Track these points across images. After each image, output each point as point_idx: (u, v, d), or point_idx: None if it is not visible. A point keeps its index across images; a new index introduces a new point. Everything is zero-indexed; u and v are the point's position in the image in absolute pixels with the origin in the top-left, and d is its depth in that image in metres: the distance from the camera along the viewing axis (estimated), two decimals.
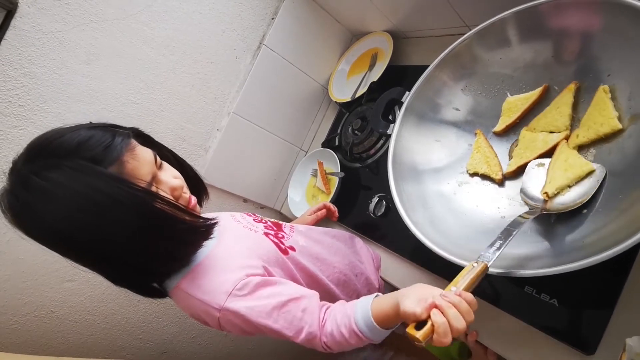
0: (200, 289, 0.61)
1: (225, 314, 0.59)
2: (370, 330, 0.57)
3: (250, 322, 0.59)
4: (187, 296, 0.62)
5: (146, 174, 0.58)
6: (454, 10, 0.95)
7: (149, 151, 0.61)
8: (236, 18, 1.11)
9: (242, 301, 0.59)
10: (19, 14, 0.83)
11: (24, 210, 0.54)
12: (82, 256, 0.58)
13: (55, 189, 0.51)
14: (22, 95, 0.87)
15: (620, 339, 0.54)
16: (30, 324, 1.01)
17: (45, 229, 0.54)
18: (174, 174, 0.65)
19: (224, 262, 0.64)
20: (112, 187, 0.53)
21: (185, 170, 0.71)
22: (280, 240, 0.75)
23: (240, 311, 0.58)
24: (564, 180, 0.61)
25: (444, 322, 0.46)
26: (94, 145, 0.54)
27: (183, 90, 1.08)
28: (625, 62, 0.59)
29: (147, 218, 0.56)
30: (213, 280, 0.61)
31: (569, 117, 0.66)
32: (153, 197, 0.57)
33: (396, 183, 0.75)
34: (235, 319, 0.59)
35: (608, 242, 0.49)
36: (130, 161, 0.56)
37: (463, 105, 0.79)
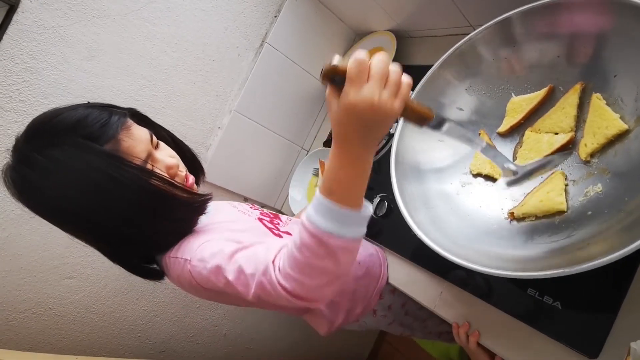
0: (179, 249, 0.62)
1: (194, 263, 0.58)
2: (320, 211, 0.44)
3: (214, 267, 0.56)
4: (170, 260, 0.63)
5: (141, 152, 0.59)
6: (458, 10, 0.94)
7: (145, 130, 0.63)
8: (239, 15, 1.10)
9: (209, 247, 0.59)
10: (21, 9, 0.83)
11: (25, 186, 0.56)
12: (80, 230, 0.60)
13: (54, 165, 0.54)
14: (23, 90, 0.87)
15: (624, 343, 0.54)
16: (28, 321, 1.01)
17: (45, 203, 0.57)
18: (170, 153, 0.67)
19: (210, 230, 0.66)
20: (107, 164, 0.55)
21: (182, 151, 0.72)
22: (276, 226, 0.76)
23: (205, 257, 0.57)
24: (534, 210, 0.64)
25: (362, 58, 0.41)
26: (91, 123, 0.56)
27: (185, 87, 1.08)
28: (632, 63, 0.59)
29: (142, 194, 0.57)
30: (192, 241, 0.62)
31: (574, 118, 0.66)
32: (148, 174, 0.58)
33: (399, 183, 0.74)
34: (201, 268, 0.58)
35: (613, 244, 0.48)
36: (125, 139, 0.58)
37: (467, 105, 0.78)
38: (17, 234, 0.93)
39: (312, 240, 0.45)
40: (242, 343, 1.43)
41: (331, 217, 0.44)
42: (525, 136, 0.72)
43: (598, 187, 0.59)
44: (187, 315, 1.26)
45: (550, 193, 0.64)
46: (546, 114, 0.70)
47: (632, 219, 0.52)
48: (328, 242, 0.44)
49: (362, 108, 0.41)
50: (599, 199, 0.59)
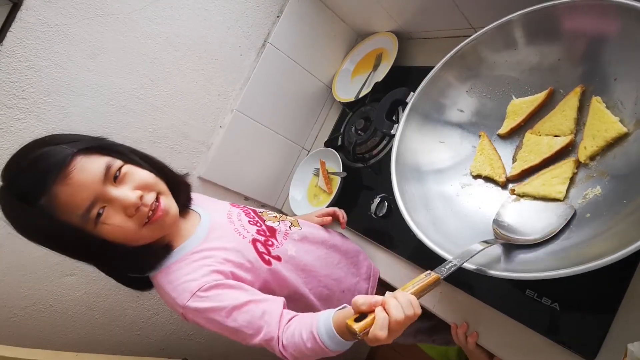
0: (171, 284, 0.64)
1: (187, 311, 0.61)
2: (329, 336, 0.56)
3: (211, 320, 0.61)
4: (159, 287, 0.66)
5: (84, 200, 0.57)
6: (460, 12, 0.95)
7: (99, 165, 0.59)
8: (241, 15, 1.11)
9: (204, 302, 0.61)
10: (25, 7, 0.83)
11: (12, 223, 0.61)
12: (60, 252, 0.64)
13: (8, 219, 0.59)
14: (26, 87, 0.87)
15: (622, 344, 0.54)
16: (29, 318, 1.01)
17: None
18: (137, 183, 0.62)
19: (199, 262, 0.66)
20: (43, 223, 0.57)
21: (162, 172, 0.69)
22: (268, 249, 0.75)
23: (200, 310, 0.61)
24: (534, 191, 0.67)
25: (385, 316, 0.47)
26: (23, 183, 0.56)
27: (187, 86, 1.08)
28: (632, 67, 0.59)
29: (86, 249, 0.62)
30: (182, 279, 0.63)
31: (574, 120, 0.66)
32: (83, 235, 0.59)
33: (399, 183, 0.75)
34: (196, 317, 0.62)
35: (611, 246, 0.49)
36: (62, 190, 0.56)
37: (468, 106, 0.79)
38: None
39: (321, 351, 0.57)
40: None
41: (332, 341, 0.56)
42: (525, 138, 0.72)
43: (597, 190, 0.60)
44: None
45: (554, 179, 0.65)
46: (546, 116, 0.70)
47: (630, 221, 0.53)
48: (323, 350, 0.57)
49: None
50: (598, 202, 0.59)
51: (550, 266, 0.53)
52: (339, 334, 0.55)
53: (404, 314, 0.47)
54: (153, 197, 0.64)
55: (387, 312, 0.47)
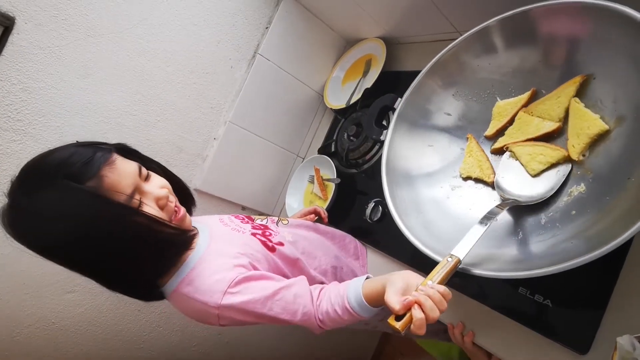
0: (197, 290, 0.64)
1: (223, 310, 0.62)
2: (361, 308, 0.62)
3: (248, 312, 0.63)
4: (186, 299, 0.65)
5: (127, 187, 0.61)
6: (443, 17, 0.96)
7: (133, 164, 0.64)
8: (231, 28, 1.13)
9: (237, 297, 0.62)
10: (16, 30, 0.85)
11: (19, 227, 0.59)
12: (74, 266, 0.62)
13: (39, 209, 0.57)
14: (20, 109, 0.89)
15: (613, 338, 0.55)
16: (32, 336, 1.02)
17: (35, 242, 0.60)
18: (161, 183, 0.68)
19: (216, 263, 0.67)
20: (89, 203, 0.57)
21: (172, 181, 0.73)
22: (268, 238, 0.78)
23: (236, 306, 0.62)
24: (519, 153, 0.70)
25: (422, 317, 0.50)
26: (73, 162, 0.58)
27: (179, 100, 1.10)
28: (609, 66, 0.61)
29: (126, 231, 0.60)
30: (208, 281, 0.64)
31: (565, 110, 0.67)
32: (131, 212, 0.60)
33: (390, 189, 0.76)
34: (233, 314, 0.63)
35: (596, 242, 0.50)
36: (108, 175, 0.59)
37: (454, 110, 0.80)
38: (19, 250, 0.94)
39: (352, 318, 0.64)
40: (244, 350, 1.44)
41: (364, 310, 0.62)
42: (517, 116, 0.73)
43: (581, 187, 0.61)
44: (189, 325, 1.27)
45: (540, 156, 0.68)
46: (543, 97, 0.71)
47: (613, 217, 0.54)
48: (357, 318, 0.63)
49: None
50: (582, 199, 0.60)
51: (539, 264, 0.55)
52: (369, 303, 0.61)
53: (438, 311, 0.51)
54: (174, 199, 0.69)
55: (425, 313, 0.50)
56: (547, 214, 0.63)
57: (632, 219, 0.47)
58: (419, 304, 0.51)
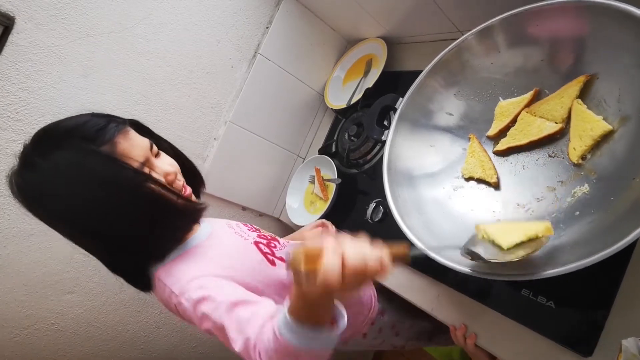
0: (169, 276, 0.64)
1: (181, 300, 0.59)
2: (289, 328, 0.45)
3: (200, 313, 0.57)
4: (159, 282, 0.65)
5: (138, 156, 0.61)
6: (445, 16, 0.96)
7: (145, 139, 0.65)
8: (231, 28, 1.12)
9: (200, 291, 0.58)
10: (16, 30, 0.85)
11: (28, 189, 0.59)
12: (78, 234, 0.62)
13: (55, 168, 0.57)
14: (20, 109, 0.88)
15: (617, 340, 0.54)
16: (31, 337, 1.01)
17: (46, 206, 0.60)
18: (170, 162, 0.68)
19: (202, 256, 0.66)
20: (103, 165, 0.58)
21: (182, 163, 0.73)
22: (272, 250, 0.76)
23: (193, 299, 0.58)
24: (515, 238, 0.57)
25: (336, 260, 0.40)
26: (89, 127, 0.59)
27: (179, 100, 1.09)
28: (613, 66, 0.60)
29: (137, 196, 0.59)
30: (183, 270, 0.63)
31: (568, 110, 0.66)
32: (143, 177, 0.60)
33: (391, 189, 0.75)
34: (188, 308, 0.58)
35: (601, 244, 0.49)
36: (122, 142, 0.60)
37: (456, 110, 0.80)
38: (18, 251, 0.94)
39: (284, 351, 0.46)
40: None
41: (300, 334, 0.45)
42: (520, 116, 0.72)
43: (585, 188, 0.61)
44: (189, 326, 1.27)
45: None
46: (546, 97, 0.70)
47: (618, 217, 0.53)
48: (299, 355, 0.46)
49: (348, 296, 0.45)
50: (586, 200, 0.60)
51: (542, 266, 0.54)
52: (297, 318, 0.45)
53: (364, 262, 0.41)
54: (182, 178, 0.70)
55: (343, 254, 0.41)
56: (551, 215, 0.63)
57: (637, 220, 0.47)
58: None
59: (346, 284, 0.40)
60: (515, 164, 0.72)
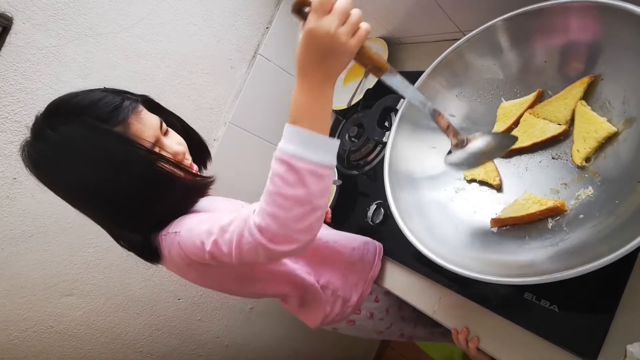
0: (171, 226, 0.65)
1: (181, 233, 0.61)
2: (288, 138, 0.47)
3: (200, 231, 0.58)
4: (161, 238, 0.65)
5: (149, 137, 0.63)
6: (447, 16, 0.95)
7: (156, 117, 0.66)
8: (230, 28, 1.11)
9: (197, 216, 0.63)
10: (14, 31, 0.84)
11: (39, 160, 0.60)
12: (86, 205, 0.64)
13: (66, 142, 0.58)
14: (18, 111, 0.88)
15: (621, 345, 0.54)
16: (30, 339, 1.01)
17: (55, 176, 0.61)
18: (178, 140, 0.70)
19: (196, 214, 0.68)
20: (116, 145, 0.58)
21: (191, 138, 0.76)
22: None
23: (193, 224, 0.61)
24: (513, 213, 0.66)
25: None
26: (104, 106, 0.59)
27: (179, 101, 1.08)
28: (618, 67, 0.59)
29: (148, 174, 0.61)
30: (183, 220, 0.64)
31: (572, 111, 0.65)
32: (154, 156, 0.62)
33: (393, 191, 0.75)
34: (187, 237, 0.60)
35: (606, 248, 0.49)
36: (135, 123, 0.61)
37: (458, 111, 0.79)
38: (17, 252, 0.94)
39: (281, 166, 0.46)
40: (244, 353, 1.43)
41: (297, 141, 0.47)
42: (523, 118, 0.72)
43: (589, 191, 0.60)
44: (189, 328, 1.26)
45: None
46: (550, 98, 0.69)
47: (623, 221, 0.52)
48: (295, 165, 0.46)
49: (320, 35, 0.46)
50: (591, 202, 0.59)
51: (546, 269, 0.53)
52: (294, 121, 0.48)
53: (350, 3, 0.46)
54: (190, 157, 0.72)
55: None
56: (554, 217, 0.62)
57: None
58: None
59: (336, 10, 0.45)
60: (518, 166, 0.71)
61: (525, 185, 0.69)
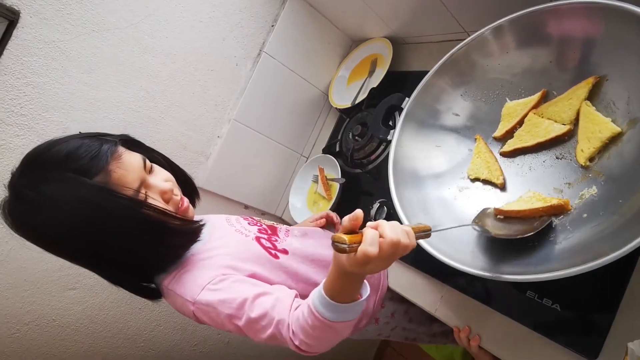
0: (179, 284, 0.64)
1: (199, 306, 0.60)
2: (324, 304, 0.53)
3: (222, 314, 0.59)
4: (169, 292, 0.65)
5: (133, 181, 0.60)
6: (452, 17, 0.95)
7: (138, 156, 0.63)
8: (236, 26, 1.12)
9: (215, 294, 0.60)
10: (20, 24, 0.84)
11: (21, 220, 0.58)
12: (76, 259, 0.63)
13: (46, 201, 0.56)
14: (24, 104, 0.88)
15: (623, 343, 0.54)
16: (32, 333, 1.01)
17: (40, 236, 0.59)
18: (165, 176, 0.67)
19: (208, 260, 0.66)
20: (98, 197, 0.56)
21: (176, 173, 0.72)
22: (273, 244, 0.76)
23: (211, 304, 0.60)
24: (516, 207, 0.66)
25: (375, 232, 0.47)
26: (81, 156, 0.57)
27: (183, 97, 1.09)
28: (622, 68, 0.60)
29: (134, 224, 0.59)
30: (193, 276, 0.64)
31: (577, 111, 0.65)
32: (139, 204, 0.59)
33: (397, 189, 0.75)
34: (209, 311, 0.60)
35: (609, 246, 0.49)
36: (116, 170, 0.58)
37: (463, 110, 0.80)
38: (20, 246, 0.94)
39: (321, 325, 0.53)
40: (244, 350, 1.43)
41: (335, 310, 0.53)
42: (527, 117, 0.72)
43: (593, 190, 0.60)
44: (190, 324, 1.26)
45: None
46: (554, 99, 0.69)
47: (626, 220, 0.53)
48: (334, 327, 0.54)
49: (361, 276, 0.52)
50: (594, 202, 0.59)
51: (549, 267, 0.54)
52: (332, 296, 0.52)
53: (398, 235, 0.47)
54: (179, 191, 0.69)
55: (380, 231, 0.47)
56: (558, 216, 0.62)
57: None
58: (375, 226, 0.48)
59: (382, 254, 0.46)
60: (521, 166, 0.72)
61: (528, 185, 0.70)
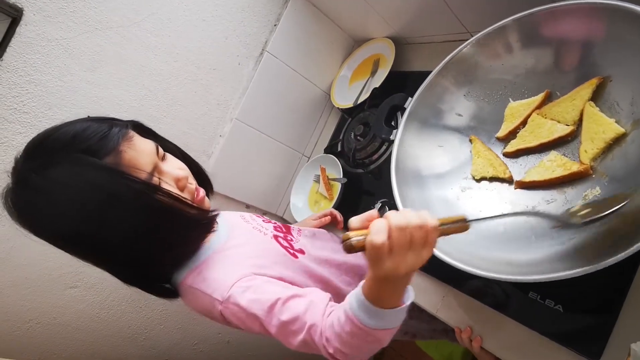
0: (205, 282, 0.60)
1: (228, 306, 0.57)
2: (362, 309, 0.48)
3: (252, 316, 0.56)
4: (192, 290, 0.61)
5: (146, 164, 0.56)
6: (455, 17, 0.95)
7: (150, 142, 0.59)
8: (239, 25, 1.12)
9: (246, 293, 0.57)
10: (24, 22, 0.84)
11: (26, 208, 0.54)
12: (84, 252, 0.57)
13: (52, 186, 0.51)
14: (27, 102, 0.88)
15: (625, 345, 0.54)
16: (33, 331, 1.01)
17: (45, 226, 0.55)
18: (179, 165, 0.63)
19: (233, 258, 0.63)
20: (108, 180, 0.51)
21: (189, 164, 0.68)
22: (290, 243, 0.75)
23: (242, 304, 0.56)
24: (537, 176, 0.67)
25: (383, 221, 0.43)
26: (89, 137, 0.52)
27: (186, 96, 1.09)
28: (626, 68, 0.60)
29: (147, 211, 0.54)
30: (219, 274, 0.60)
31: (580, 112, 0.65)
32: (153, 189, 0.55)
33: (399, 189, 0.75)
34: (238, 312, 0.57)
35: (612, 247, 0.49)
36: (127, 151, 0.54)
37: (466, 110, 0.79)
38: (21, 244, 0.94)
39: (360, 332, 0.49)
40: (245, 350, 1.43)
41: (377, 316, 0.48)
42: (530, 118, 0.72)
43: (596, 191, 0.60)
44: (191, 323, 1.26)
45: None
46: (557, 99, 0.69)
47: (630, 221, 0.53)
48: (375, 334, 0.49)
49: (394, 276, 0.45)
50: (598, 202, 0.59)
51: (552, 268, 0.54)
52: (373, 300, 0.48)
53: (406, 220, 0.42)
54: (194, 181, 0.65)
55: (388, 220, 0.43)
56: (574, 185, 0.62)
57: None
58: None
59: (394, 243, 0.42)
60: (525, 166, 0.71)
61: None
